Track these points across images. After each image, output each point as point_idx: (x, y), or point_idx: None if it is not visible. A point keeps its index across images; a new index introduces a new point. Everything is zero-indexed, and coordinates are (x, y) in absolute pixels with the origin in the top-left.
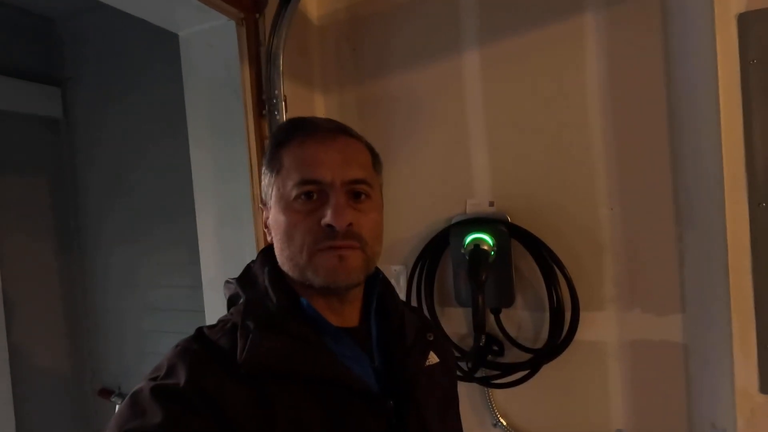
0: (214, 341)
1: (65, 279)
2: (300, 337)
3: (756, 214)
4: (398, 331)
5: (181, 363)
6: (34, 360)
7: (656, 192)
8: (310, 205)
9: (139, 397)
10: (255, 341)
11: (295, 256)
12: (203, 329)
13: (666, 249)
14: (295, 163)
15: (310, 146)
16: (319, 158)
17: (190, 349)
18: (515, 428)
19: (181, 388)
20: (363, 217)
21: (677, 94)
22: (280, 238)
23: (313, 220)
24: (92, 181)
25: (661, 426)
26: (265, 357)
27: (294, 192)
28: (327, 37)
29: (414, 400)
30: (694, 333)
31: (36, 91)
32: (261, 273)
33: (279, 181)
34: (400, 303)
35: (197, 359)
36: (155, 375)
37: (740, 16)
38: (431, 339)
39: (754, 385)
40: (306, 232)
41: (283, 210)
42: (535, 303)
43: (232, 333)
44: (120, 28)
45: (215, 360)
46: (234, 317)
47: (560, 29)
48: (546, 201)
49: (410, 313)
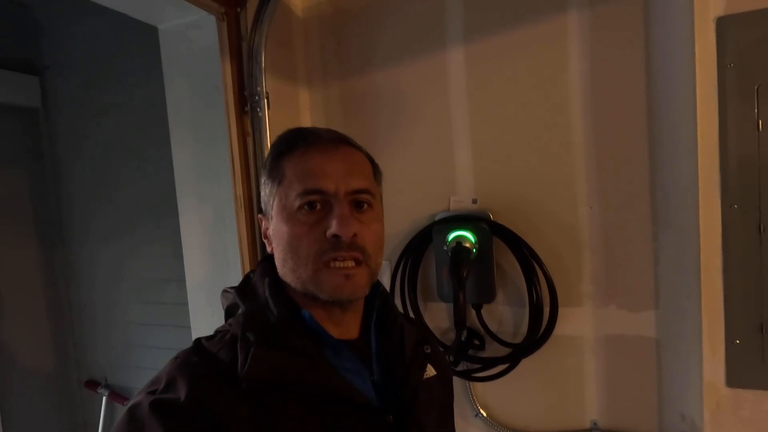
0: (213, 354)
1: (49, 272)
2: (301, 351)
3: (728, 216)
4: (397, 344)
5: (180, 377)
6: (18, 352)
7: (634, 192)
8: (313, 216)
9: (138, 412)
10: (256, 355)
11: (299, 268)
12: (201, 341)
13: (642, 247)
14: (298, 174)
15: (313, 156)
16: (323, 168)
17: (189, 362)
18: (495, 419)
19: (181, 403)
20: (366, 229)
21: (657, 96)
22: (282, 249)
23: (317, 232)
24: (75, 173)
25: (634, 417)
26: (266, 371)
27: (297, 202)
28: (311, 30)
29: (414, 414)
30: (666, 328)
31: (12, 79)
32: (261, 284)
33: (281, 191)
34: (399, 315)
35: (197, 373)
36: (153, 388)
37: (719, 19)
38: (429, 351)
39: (721, 378)
40: (311, 243)
41: (285, 220)
42: (515, 299)
43: (232, 345)
44: (100, 15)
45: (215, 374)
46: (233, 329)
47: (544, 29)
48: (527, 199)
49: (409, 326)
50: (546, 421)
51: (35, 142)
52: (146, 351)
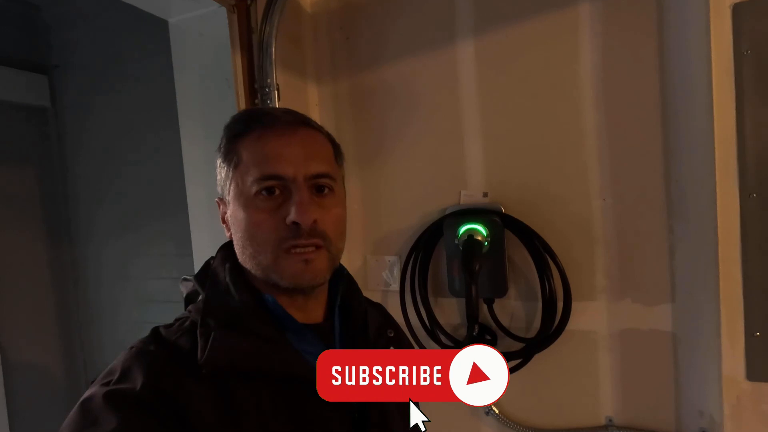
0: (172, 341)
1: (56, 270)
2: (263, 335)
3: (746, 205)
4: (361, 327)
5: (136, 365)
6: (26, 353)
7: (648, 183)
8: (272, 202)
9: (91, 404)
10: (216, 339)
11: (259, 255)
12: (159, 329)
13: (657, 240)
14: (255, 158)
15: (270, 140)
16: (280, 152)
17: (145, 350)
18: (507, 416)
19: (137, 392)
20: (327, 214)
21: (671, 86)
22: (240, 236)
23: (276, 218)
24: (83, 171)
25: (650, 413)
26: (226, 356)
27: (254, 188)
28: (320, 25)
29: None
30: (683, 322)
31: (22, 79)
32: (222, 270)
33: (237, 175)
34: (364, 299)
35: (154, 361)
36: (107, 380)
37: (735, 6)
38: (392, 335)
39: (741, 372)
40: (269, 230)
41: (243, 206)
42: (527, 293)
43: (192, 332)
44: (109, 14)
45: (174, 361)
46: (193, 315)
47: (555, 20)
48: (539, 192)
49: (372, 310)
50: (560, 418)
51: (44, 141)
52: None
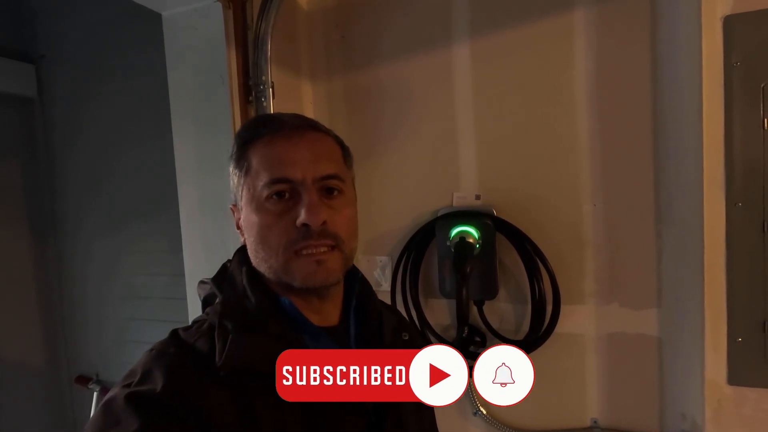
0: (190, 344)
1: (40, 265)
2: (279, 337)
3: (732, 214)
4: (376, 330)
5: (157, 367)
6: (9, 347)
7: (638, 190)
8: (282, 205)
9: (113, 405)
10: (234, 342)
11: (270, 258)
12: (178, 331)
13: (645, 245)
14: (264, 163)
15: (278, 144)
16: (289, 156)
17: (166, 352)
18: (495, 417)
19: (158, 393)
20: (337, 215)
21: (662, 94)
22: (253, 240)
23: (287, 221)
24: (71, 165)
25: (634, 415)
26: (244, 358)
27: (265, 192)
28: (316, 23)
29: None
30: (669, 327)
31: (7, 67)
32: (239, 273)
33: (249, 181)
34: (379, 302)
35: (174, 363)
36: (129, 381)
37: (726, 18)
38: (407, 338)
39: (723, 376)
40: (280, 233)
41: (255, 211)
42: (517, 296)
43: (209, 334)
44: (100, 4)
45: (193, 363)
46: (211, 318)
47: (550, 26)
48: (531, 196)
49: (388, 312)
50: (546, 419)
51: (30, 132)
52: (139, 346)
